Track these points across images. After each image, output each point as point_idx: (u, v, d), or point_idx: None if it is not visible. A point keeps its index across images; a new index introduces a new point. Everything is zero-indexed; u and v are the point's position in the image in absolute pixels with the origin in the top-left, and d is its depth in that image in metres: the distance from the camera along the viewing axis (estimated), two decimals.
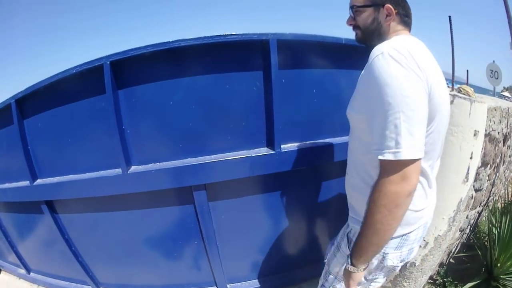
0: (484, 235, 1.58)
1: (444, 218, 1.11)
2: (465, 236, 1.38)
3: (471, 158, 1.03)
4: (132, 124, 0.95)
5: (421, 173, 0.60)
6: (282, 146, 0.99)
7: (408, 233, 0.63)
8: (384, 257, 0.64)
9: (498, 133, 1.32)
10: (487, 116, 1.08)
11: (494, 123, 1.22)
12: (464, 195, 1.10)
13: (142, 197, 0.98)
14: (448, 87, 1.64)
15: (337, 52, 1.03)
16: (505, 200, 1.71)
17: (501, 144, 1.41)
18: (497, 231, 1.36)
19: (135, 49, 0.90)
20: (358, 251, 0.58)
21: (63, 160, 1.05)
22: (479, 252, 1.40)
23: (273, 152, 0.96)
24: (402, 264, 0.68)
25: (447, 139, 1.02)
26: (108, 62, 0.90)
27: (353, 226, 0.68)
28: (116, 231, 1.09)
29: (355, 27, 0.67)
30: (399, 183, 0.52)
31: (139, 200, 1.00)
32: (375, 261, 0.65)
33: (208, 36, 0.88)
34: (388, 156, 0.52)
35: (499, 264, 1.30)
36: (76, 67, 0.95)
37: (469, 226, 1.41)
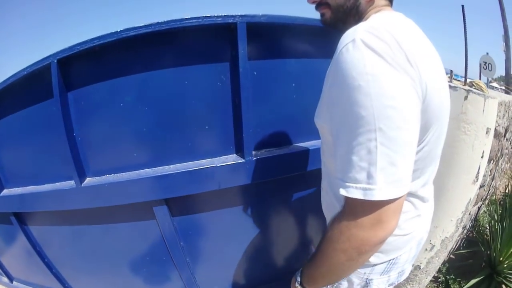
0: (483, 228, 1.54)
1: (453, 220, 1.08)
2: (465, 231, 1.36)
3: (482, 157, 1.00)
4: (83, 131, 0.84)
5: (411, 195, 0.49)
6: (253, 152, 0.83)
7: (398, 256, 0.52)
8: (367, 283, 0.53)
9: (502, 127, 1.30)
10: None
11: (500, 118, 1.19)
12: (473, 195, 1.08)
13: (101, 211, 0.88)
14: (459, 81, 1.47)
15: (323, 37, 0.83)
16: (504, 193, 1.69)
17: (502, 138, 1.40)
18: (499, 225, 1.31)
19: (83, 42, 0.77)
20: (309, 278, 0.49)
21: (24, 170, 0.98)
22: (482, 248, 1.36)
23: (243, 160, 0.81)
24: (392, 287, 0.57)
25: (459, 137, 0.99)
26: (55, 61, 0.79)
27: None
28: (82, 245, 1.01)
29: (321, 5, 0.49)
30: (370, 228, 0.37)
31: (99, 214, 0.90)
32: (357, 287, 0.54)
33: (161, 22, 0.73)
34: (354, 194, 0.36)
35: (501, 259, 1.27)
36: (26, 68, 0.85)
37: (470, 222, 1.40)
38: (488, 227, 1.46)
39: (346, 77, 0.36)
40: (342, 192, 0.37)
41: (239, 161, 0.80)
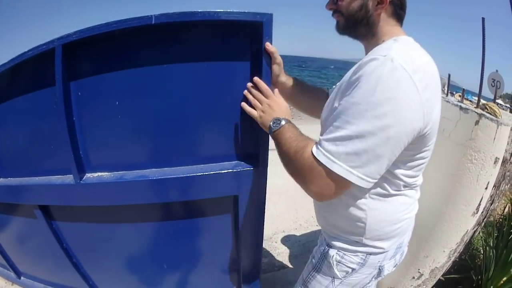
0: (476, 252, 1.49)
1: (445, 251, 1.05)
2: (457, 254, 1.19)
3: (486, 188, 0.94)
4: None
5: (415, 186, 0.58)
6: (88, 175, 0.83)
7: (403, 240, 0.63)
8: (380, 270, 0.63)
9: (509, 153, 1.13)
10: None
11: (508, 144, 1.00)
12: (471, 227, 1.03)
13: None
14: (470, 101, 1.23)
15: (145, 40, 0.73)
16: (501, 215, 1.61)
17: (507, 163, 1.24)
18: (493, 252, 1.26)
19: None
20: (277, 136, 0.57)
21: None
22: (473, 276, 1.31)
23: (72, 182, 0.81)
24: (394, 268, 0.67)
25: (464, 166, 0.93)
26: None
27: (339, 245, 0.61)
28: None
29: (337, 12, 0.57)
30: (319, 189, 0.48)
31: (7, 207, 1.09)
32: (369, 277, 0.63)
33: (14, 58, 0.81)
34: (320, 157, 0.47)
35: (492, 287, 1.22)
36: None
37: (463, 245, 1.21)
38: (482, 252, 1.41)
39: (375, 84, 0.42)
40: (313, 150, 0.48)
41: (67, 182, 0.82)
